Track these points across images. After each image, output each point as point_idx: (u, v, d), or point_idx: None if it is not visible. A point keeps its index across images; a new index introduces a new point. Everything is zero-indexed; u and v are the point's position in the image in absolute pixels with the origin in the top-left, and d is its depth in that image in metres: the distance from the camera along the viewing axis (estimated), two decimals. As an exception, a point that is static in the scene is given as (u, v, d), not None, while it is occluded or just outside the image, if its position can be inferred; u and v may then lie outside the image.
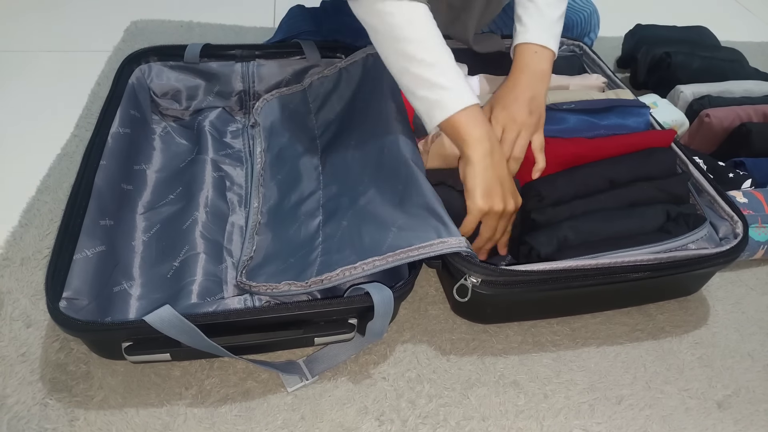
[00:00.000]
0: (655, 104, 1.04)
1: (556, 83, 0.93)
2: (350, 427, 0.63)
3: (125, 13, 1.30)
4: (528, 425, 0.65)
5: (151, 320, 0.57)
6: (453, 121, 0.67)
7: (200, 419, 0.62)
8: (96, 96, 1.04)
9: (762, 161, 0.93)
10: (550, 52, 0.79)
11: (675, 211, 0.74)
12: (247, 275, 0.72)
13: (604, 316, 0.77)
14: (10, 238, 0.78)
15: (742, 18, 1.67)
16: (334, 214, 0.75)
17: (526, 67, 0.78)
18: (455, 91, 0.67)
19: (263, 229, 0.79)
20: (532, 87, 0.76)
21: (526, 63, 0.78)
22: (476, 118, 0.68)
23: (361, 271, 0.63)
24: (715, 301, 0.81)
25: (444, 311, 0.76)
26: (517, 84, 0.77)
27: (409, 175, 0.70)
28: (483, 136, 0.67)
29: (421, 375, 0.68)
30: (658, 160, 0.79)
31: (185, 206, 0.80)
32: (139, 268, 0.73)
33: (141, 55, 0.92)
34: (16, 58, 1.15)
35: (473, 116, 0.67)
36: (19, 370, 0.64)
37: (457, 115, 0.67)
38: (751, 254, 0.84)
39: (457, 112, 0.67)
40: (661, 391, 0.69)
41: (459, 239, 0.62)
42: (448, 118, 0.67)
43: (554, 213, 0.73)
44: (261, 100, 0.95)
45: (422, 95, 0.68)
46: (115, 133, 0.80)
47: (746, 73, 1.14)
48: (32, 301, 0.71)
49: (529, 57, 0.78)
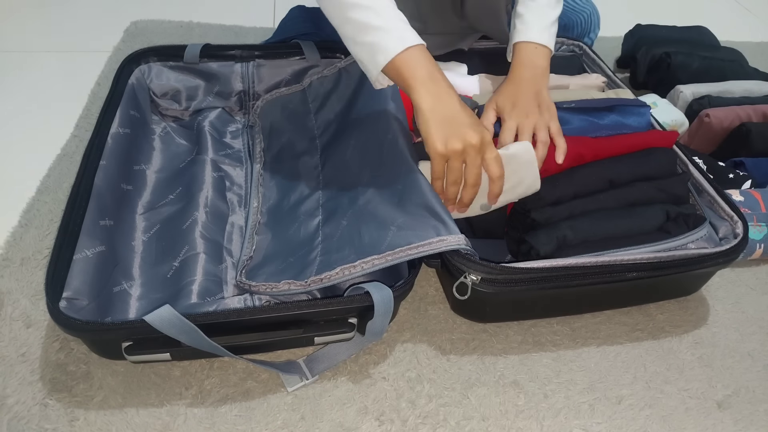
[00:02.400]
0: (654, 104, 1.04)
1: (556, 83, 0.93)
2: (350, 427, 0.63)
3: (125, 13, 1.30)
4: (528, 425, 0.65)
5: (152, 320, 0.57)
6: (396, 64, 0.65)
7: (200, 419, 0.62)
8: (96, 96, 1.04)
9: (762, 161, 0.93)
10: (548, 50, 0.81)
11: (675, 211, 0.74)
12: (246, 275, 0.72)
13: (604, 315, 0.77)
14: (10, 238, 0.78)
15: (742, 18, 1.67)
16: (334, 214, 0.75)
17: (529, 63, 0.79)
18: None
19: (263, 229, 0.79)
20: (536, 82, 0.78)
21: (530, 59, 0.80)
22: (420, 56, 0.65)
23: (360, 270, 0.63)
24: (714, 300, 0.81)
25: (444, 311, 0.76)
26: (522, 80, 0.78)
27: (408, 175, 0.70)
28: (426, 76, 0.65)
29: (421, 375, 0.68)
30: (658, 160, 0.79)
31: (185, 206, 0.80)
32: (139, 268, 0.74)
33: (141, 56, 0.92)
34: (16, 58, 1.15)
35: (417, 57, 0.65)
36: (19, 370, 0.64)
37: (400, 56, 0.65)
38: (749, 253, 0.84)
39: (399, 53, 0.64)
40: (661, 391, 0.70)
41: (458, 237, 0.62)
42: (391, 60, 0.65)
43: (554, 212, 0.73)
44: (261, 100, 0.95)
45: (363, 40, 0.66)
46: (114, 133, 0.80)
47: (746, 73, 1.14)
48: (32, 301, 0.71)
49: (531, 54, 0.80)
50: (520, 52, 0.81)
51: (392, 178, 0.72)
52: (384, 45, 0.65)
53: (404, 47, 0.65)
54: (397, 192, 0.70)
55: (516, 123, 0.74)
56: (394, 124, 0.76)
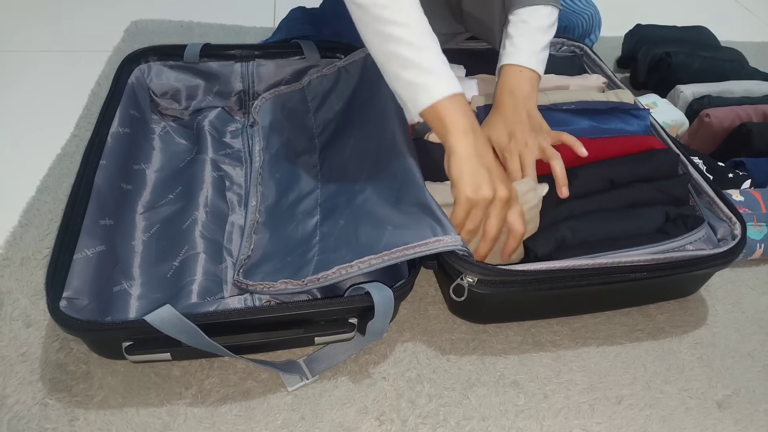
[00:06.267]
0: (655, 104, 1.04)
1: (556, 83, 0.93)
2: (350, 427, 0.63)
3: (125, 13, 1.30)
4: (528, 425, 0.65)
5: (152, 320, 0.57)
6: (438, 108, 0.65)
7: (200, 419, 0.62)
8: (96, 96, 1.04)
9: (762, 161, 0.93)
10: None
11: (674, 213, 0.74)
12: (244, 274, 0.72)
13: (604, 316, 0.77)
14: (10, 238, 0.78)
15: (742, 18, 1.67)
16: (332, 213, 0.75)
17: (515, 88, 0.77)
18: (442, 76, 0.66)
19: (261, 228, 0.79)
20: (524, 105, 0.76)
21: (516, 84, 0.77)
22: (462, 106, 0.66)
23: (357, 269, 0.63)
24: (714, 300, 0.81)
25: (444, 311, 0.76)
26: (509, 108, 0.76)
27: (406, 174, 0.70)
28: (467, 127, 0.65)
29: (421, 375, 0.68)
30: (659, 161, 0.79)
31: (185, 206, 0.80)
32: (139, 268, 0.73)
33: (141, 55, 0.92)
34: (16, 58, 1.15)
35: (458, 104, 0.66)
36: (19, 370, 0.64)
37: (443, 101, 0.65)
38: (749, 253, 0.84)
39: (442, 98, 0.65)
40: (660, 391, 0.70)
41: (455, 237, 0.62)
42: (433, 104, 0.65)
43: (553, 213, 0.73)
44: (260, 98, 0.95)
45: (407, 78, 0.66)
46: (114, 132, 0.80)
47: (746, 73, 1.14)
48: (32, 301, 0.71)
49: (516, 78, 0.78)
50: (507, 76, 0.78)
51: (390, 177, 0.72)
52: (428, 87, 0.65)
53: (448, 93, 0.65)
54: (394, 191, 0.70)
55: (517, 158, 0.73)
56: (394, 123, 0.76)
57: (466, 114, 0.66)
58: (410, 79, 0.66)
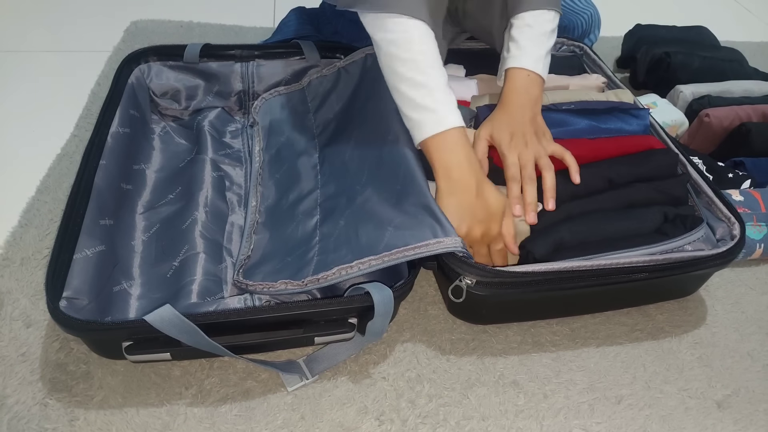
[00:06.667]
0: (654, 104, 1.04)
1: (556, 83, 0.93)
2: (350, 427, 0.63)
3: (125, 13, 1.30)
4: (528, 425, 0.65)
5: (152, 320, 0.57)
6: (426, 145, 0.69)
7: (200, 419, 0.62)
8: (96, 96, 1.04)
9: (762, 161, 0.94)
10: (542, 80, 0.79)
11: (673, 213, 0.74)
12: (244, 274, 0.72)
13: (604, 316, 0.77)
14: (10, 238, 0.78)
15: (742, 18, 1.67)
16: (332, 213, 0.75)
17: (523, 90, 0.77)
18: (437, 113, 0.68)
19: (261, 228, 0.79)
20: (531, 109, 0.76)
21: (524, 87, 0.77)
22: (447, 143, 0.68)
23: (357, 270, 0.63)
24: (714, 300, 0.81)
25: (444, 311, 0.76)
26: (517, 108, 0.76)
27: (407, 175, 0.70)
28: (448, 165, 0.67)
29: (421, 375, 0.68)
30: (658, 161, 0.79)
31: (185, 206, 0.80)
32: (138, 268, 0.74)
33: (140, 55, 0.92)
34: (16, 58, 1.15)
35: (445, 142, 0.68)
36: (19, 370, 0.64)
37: (430, 139, 0.68)
38: (748, 253, 0.84)
39: (430, 137, 0.68)
40: (660, 391, 0.70)
41: (455, 239, 0.62)
42: (423, 141, 0.69)
43: (551, 214, 0.72)
44: (259, 98, 0.95)
45: (407, 114, 0.71)
46: (114, 132, 0.80)
47: (746, 73, 1.14)
48: (32, 301, 0.71)
49: (524, 81, 0.78)
50: (514, 78, 0.78)
51: (391, 178, 0.72)
52: (422, 125, 0.69)
53: (436, 132, 0.68)
54: (395, 192, 0.70)
55: (516, 155, 0.73)
56: (394, 123, 0.76)
57: (450, 151, 0.68)
58: (409, 115, 0.70)
